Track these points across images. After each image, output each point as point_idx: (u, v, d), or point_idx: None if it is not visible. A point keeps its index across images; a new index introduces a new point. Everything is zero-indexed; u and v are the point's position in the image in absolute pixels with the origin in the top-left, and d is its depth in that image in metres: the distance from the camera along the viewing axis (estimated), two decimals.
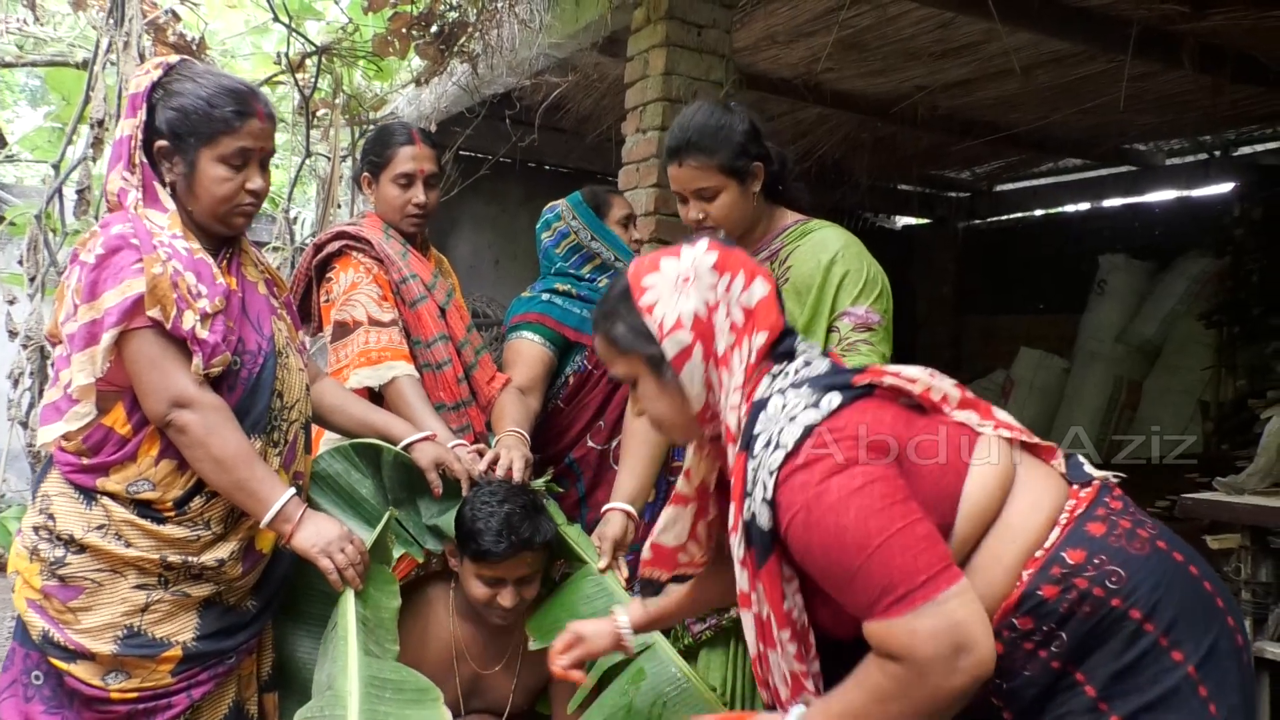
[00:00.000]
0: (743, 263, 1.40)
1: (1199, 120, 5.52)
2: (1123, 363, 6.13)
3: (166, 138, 1.66)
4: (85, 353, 1.58)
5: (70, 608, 1.62)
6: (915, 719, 1.20)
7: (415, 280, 2.32)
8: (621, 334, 1.40)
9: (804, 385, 1.32)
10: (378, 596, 1.82)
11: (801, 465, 1.24)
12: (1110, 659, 1.22)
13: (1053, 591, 1.23)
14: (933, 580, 1.17)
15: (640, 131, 3.50)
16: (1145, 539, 1.27)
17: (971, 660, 1.16)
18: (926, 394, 1.35)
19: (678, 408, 1.41)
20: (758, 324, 1.38)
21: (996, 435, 1.34)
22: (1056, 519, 1.29)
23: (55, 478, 1.67)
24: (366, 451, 2.03)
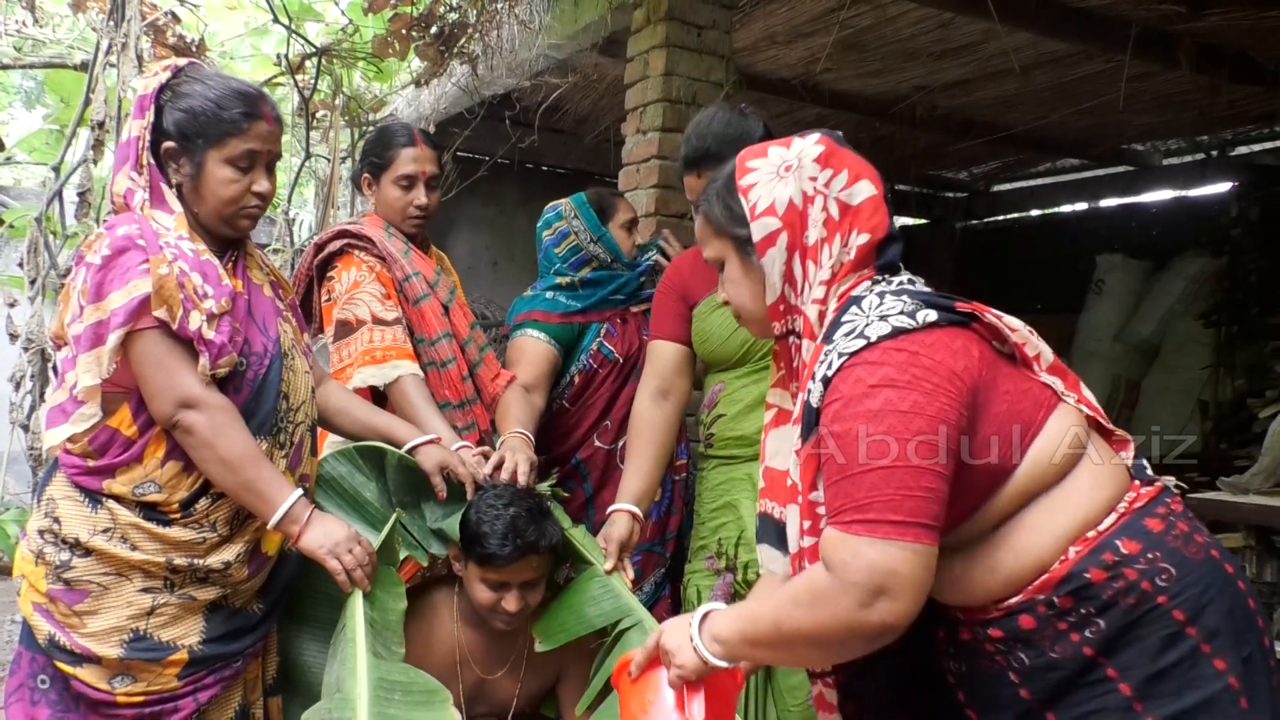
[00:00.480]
0: (850, 161, 1.38)
1: (1196, 120, 5.53)
2: (1121, 362, 6.13)
3: (174, 139, 1.67)
4: (91, 353, 1.58)
5: (76, 611, 1.61)
6: (810, 636, 1.21)
7: (418, 278, 2.32)
8: (717, 213, 1.41)
9: (904, 295, 1.30)
10: (384, 599, 1.81)
11: (870, 361, 1.22)
12: (1147, 658, 1.20)
13: (1100, 576, 1.21)
14: (906, 526, 1.16)
15: (640, 132, 3.50)
16: (1201, 544, 1.26)
17: (887, 608, 1.15)
18: (1022, 347, 1.32)
19: (756, 295, 1.40)
20: (858, 223, 1.35)
21: (1076, 408, 1.31)
22: (1115, 506, 1.27)
23: (60, 481, 1.66)
24: (371, 454, 2.03)
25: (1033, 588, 1.24)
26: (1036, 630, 1.24)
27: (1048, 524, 1.25)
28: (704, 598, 2.21)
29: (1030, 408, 1.27)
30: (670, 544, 2.59)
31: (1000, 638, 1.27)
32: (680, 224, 3.46)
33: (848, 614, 1.17)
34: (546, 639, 2.02)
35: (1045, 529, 1.25)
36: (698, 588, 2.24)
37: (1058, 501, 1.26)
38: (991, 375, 1.26)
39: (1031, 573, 1.25)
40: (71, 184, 3.34)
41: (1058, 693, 1.24)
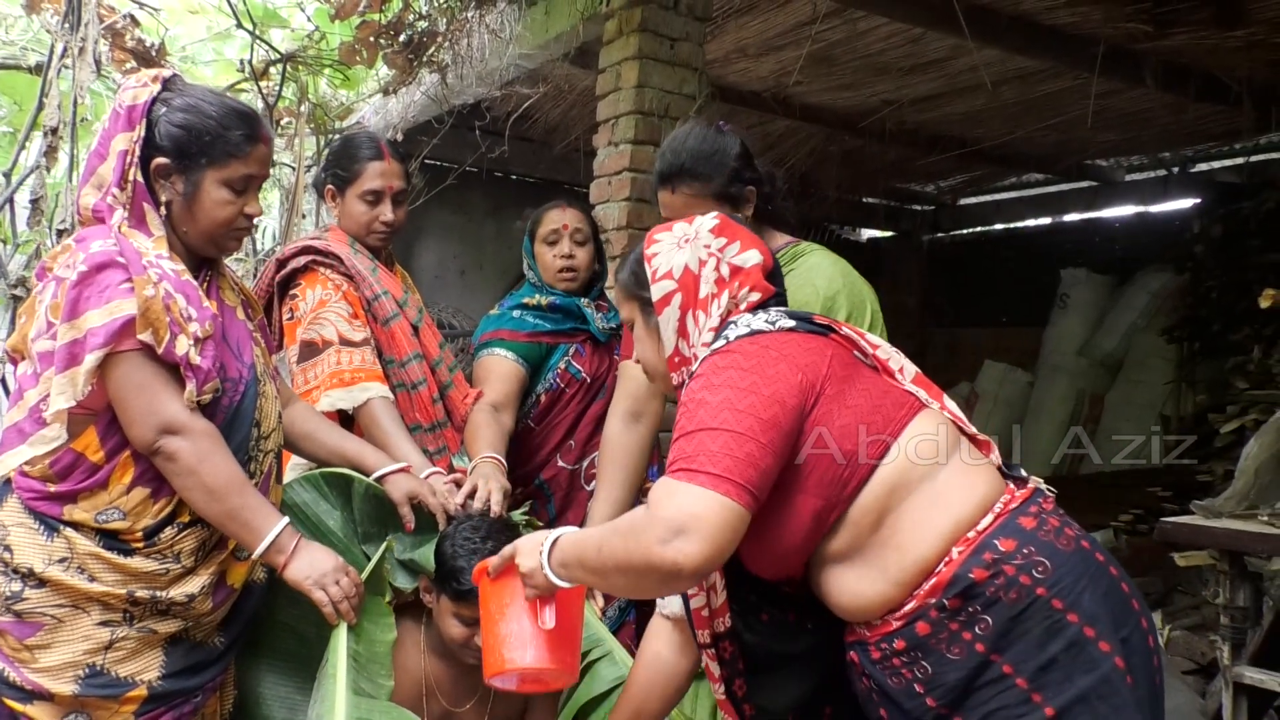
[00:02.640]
0: (743, 234, 1.57)
1: (1160, 137, 5.62)
2: (1085, 376, 6.20)
3: (170, 155, 1.61)
4: (66, 374, 1.50)
5: (27, 645, 1.53)
6: (620, 564, 1.31)
7: (387, 297, 2.25)
8: (625, 279, 1.61)
9: (771, 312, 1.47)
10: (371, 630, 1.75)
11: (725, 350, 1.39)
12: (1036, 649, 1.26)
13: (983, 575, 1.29)
14: (720, 479, 1.25)
15: (612, 145, 3.47)
16: (1071, 537, 1.34)
17: (680, 547, 1.23)
18: (882, 359, 1.47)
19: (657, 351, 1.57)
20: (748, 282, 1.52)
21: (942, 414, 1.43)
22: (991, 506, 1.35)
23: (13, 506, 1.58)
24: (337, 481, 1.96)
25: (924, 592, 1.32)
26: (932, 634, 1.31)
27: (926, 522, 1.34)
28: None
29: (891, 406, 1.39)
30: None
31: (904, 649, 1.33)
32: None
33: (648, 546, 1.26)
34: None
35: (925, 526, 1.33)
36: None
37: (934, 500, 1.35)
38: (848, 374, 1.40)
39: (918, 571, 1.32)
40: (24, 189, 3.23)
41: (961, 695, 1.30)
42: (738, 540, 1.28)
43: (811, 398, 1.36)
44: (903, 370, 1.46)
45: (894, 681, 1.35)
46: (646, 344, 1.59)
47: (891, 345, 1.53)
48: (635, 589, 1.47)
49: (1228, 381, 5.09)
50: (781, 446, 1.32)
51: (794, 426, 1.33)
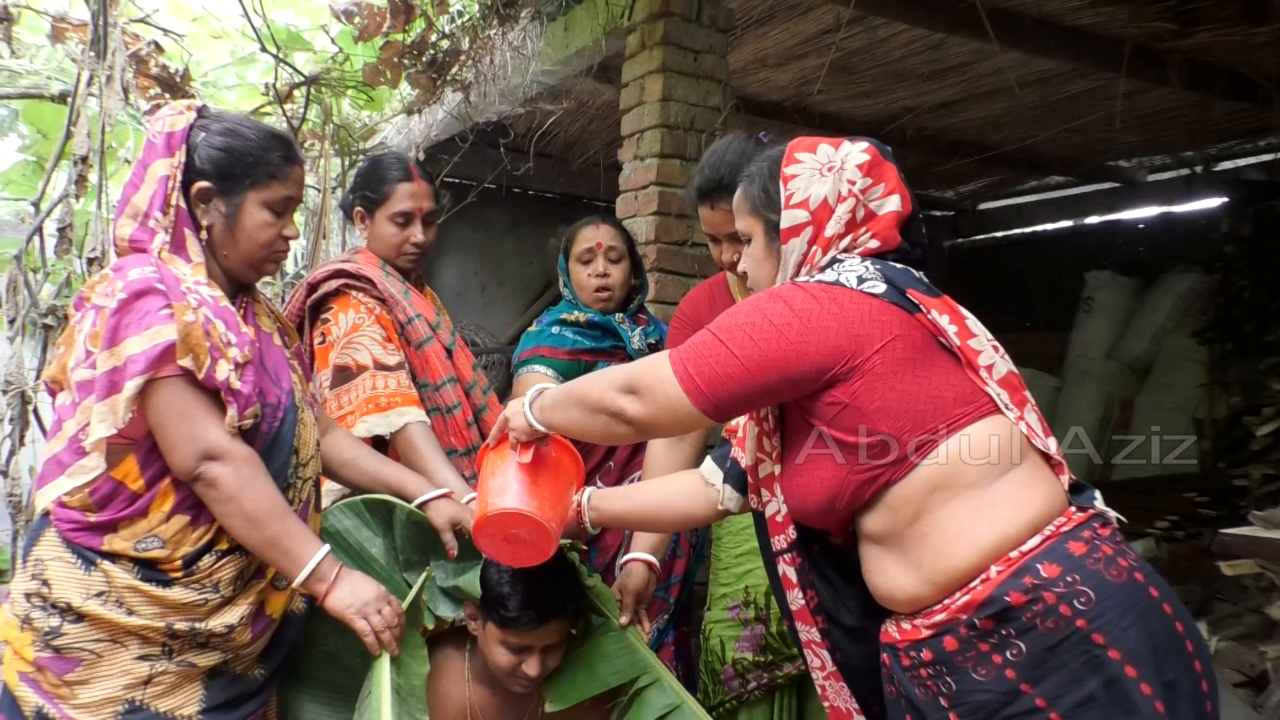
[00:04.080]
0: (889, 175, 1.48)
1: (1185, 136, 5.56)
2: (1114, 380, 6.12)
3: (211, 178, 1.62)
4: (106, 402, 1.49)
5: (66, 681, 1.51)
6: (583, 399, 1.49)
7: (420, 320, 2.22)
8: (756, 194, 1.53)
9: (876, 267, 1.41)
10: (410, 662, 1.72)
11: (798, 286, 1.40)
12: (1071, 683, 1.21)
13: (1020, 599, 1.24)
14: (692, 381, 1.36)
15: (638, 158, 3.45)
16: (1124, 568, 1.27)
17: (629, 401, 1.42)
18: (967, 346, 1.38)
19: (771, 276, 1.54)
20: (873, 228, 1.47)
21: (1014, 424, 1.35)
22: (1042, 528, 1.30)
23: (50, 541, 1.56)
24: (378, 508, 1.94)
25: (956, 606, 1.28)
26: (959, 651, 1.28)
27: (968, 531, 1.30)
28: (729, 649, 2.14)
29: (954, 402, 1.33)
30: (675, 589, 2.50)
31: (930, 661, 1.31)
32: (680, 251, 3.41)
33: (606, 388, 1.45)
34: (558, 698, 1.91)
35: (966, 535, 1.30)
36: (721, 638, 2.16)
37: (980, 509, 1.30)
38: (913, 357, 1.34)
39: (951, 579, 1.29)
40: (52, 218, 3.24)
41: (986, 715, 1.26)
42: (680, 428, 1.50)
43: (844, 365, 1.33)
44: (991, 369, 1.38)
45: (920, 692, 1.33)
46: (763, 265, 1.54)
47: (995, 342, 1.43)
48: (585, 425, 1.53)
49: (1262, 383, 5.00)
50: (778, 386, 1.36)
51: (805, 377, 1.35)
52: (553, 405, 1.58)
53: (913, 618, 1.36)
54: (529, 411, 1.60)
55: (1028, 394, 1.41)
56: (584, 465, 2.09)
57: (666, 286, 3.33)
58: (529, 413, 1.60)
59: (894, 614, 1.41)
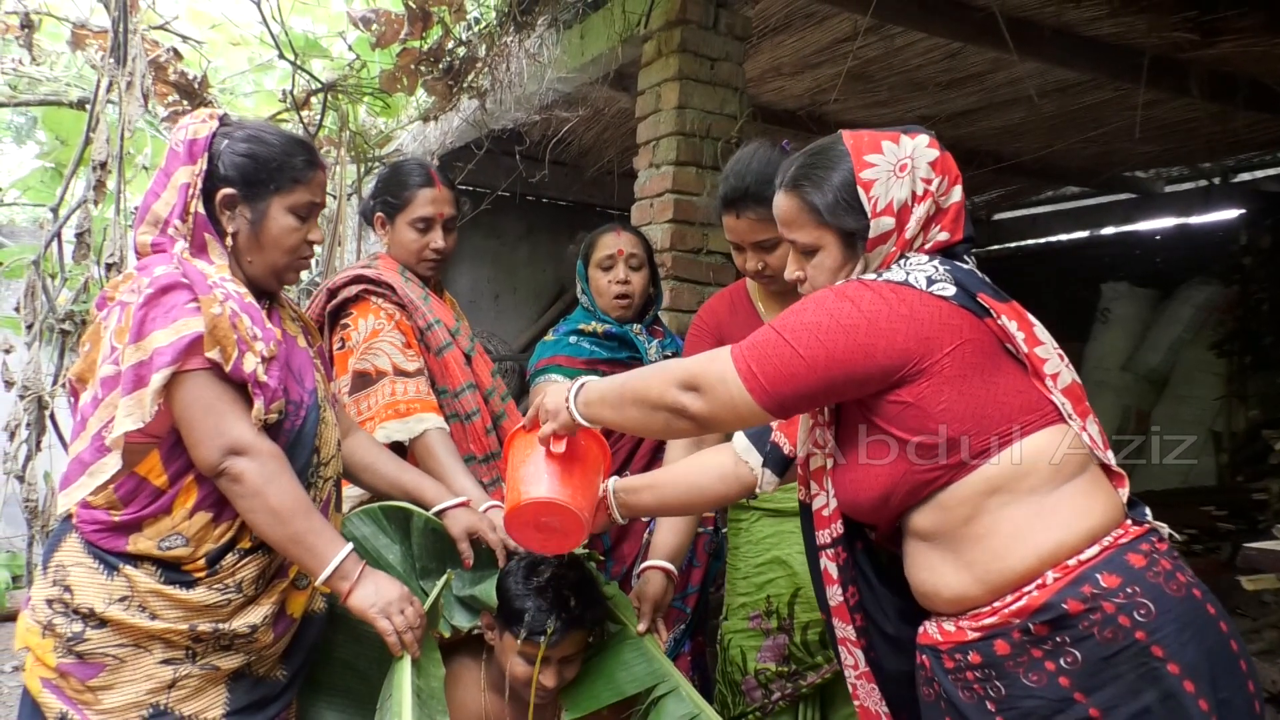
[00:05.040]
0: (951, 166, 1.47)
1: (1204, 147, 5.53)
2: (1130, 391, 6.08)
3: (236, 185, 1.62)
4: (133, 396, 1.48)
5: (90, 687, 1.51)
6: (638, 395, 1.48)
7: (440, 326, 2.22)
8: (829, 204, 1.44)
9: (946, 269, 1.39)
10: (428, 665, 1.71)
11: (866, 285, 1.37)
12: (1128, 695, 1.20)
13: (1078, 608, 1.23)
14: (755, 379, 1.35)
15: (654, 166, 3.44)
16: (1183, 583, 1.27)
17: (690, 399, 1.41)
18: (1037, 360, 1.35)
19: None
20: (942, 222, 1.44)
21: (1078, 434, 1.34)
22: (1100, 538, 1.28)
23: (71, 546, 1.56)
24: (396, 515, 1.93)
25: (1009, 612, 1.27)
26: (1011, 656, 1.27)
27: (1026, 536, 1.29)
28: (750, 659, 2.11)
29: (1019, 409, 1.32)
30: (692, 599, 2.48)
31: (979, 663, 1.29)
32: (695, 259, 3.40)
33: (666, 385, 1.44)
34: (575, 707, 1.90)
35: (1024, 540, 1.29)
36: (741, 648, 2.14)
37: (1040, 515, 1.29)
38: (980, 362, 1.32)
39: (1004, 581, 1.28)
40: (70, 225, 3.25)
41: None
42: (741, 424, 1.52)
43: (913, 367, 1.31)
44: (1056, 377, 1.35)
45: (965, 695, 1.31)
46: (839, 274, 1.46)
47: (1060, 350, 1.41)
48: (643, 423, 1.52)
49: None
50: (842, 385, 1.35)
51: (871, 378, 1.34)
52: (601, 400, 1.56)
53: (957, 619, 1.34)
54: (574, 406, 1.59)
55: (1089, 405, 1.39)
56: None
57: (681, 294, 3.32)
58: (574, 407, 1.59)
59: (933, 615, 1.39)
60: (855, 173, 1.42)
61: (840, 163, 1.43)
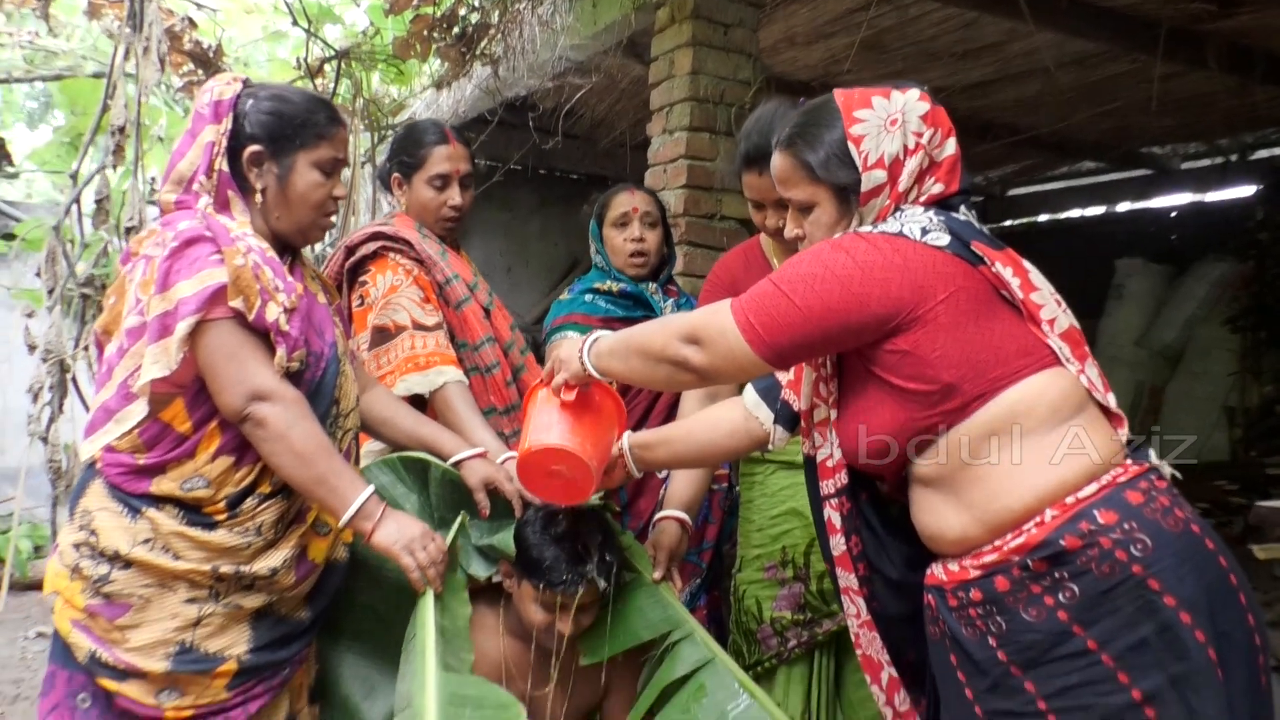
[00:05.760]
0: (943, 119, 1.48)
1: (1221, 122, 5.48)
2: (1144, 368, 6.07)
3: (263, 142, 1.67)
4: (159, 345, 1.53)
5: (118, 626, 1.55)
6: (643, 347, 1.53)
7: (458, 281, 2.24)
8: (821, 160, 1.46)
9: (940, 218, 1.41)
10: (452, 604, 1.75)
11: (862, 236, 1.39)
12: (1125, 627, 1.23)
13: (1075, 544, 1.26)
14: (754, 330, 1.39)
15: (667, 132, 3.45)
16: (1181, 519, 1.28)
17: (692, 351, 1.46)
18: (1033, 305, 1.37)
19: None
20: (937, 175, 1.47)
21: (1075, 376, 1.36)
22: (1099, 476, 1.30)
23: (96, 492, 1.60)
24: (414, 465, 1.96)
25: (1009, 548, 1.30)
26: (1010, 592, 1.29)
27: (1024, 476, 1.31)
28: (765, 608, 2.14)
29: (1015, 353, 1.34)
30: (707, 554, 2.51)
31: (980, 600, 1.33)
32: (709, 225, 3.40)
33: (669, 338, 1.48)
34: (592, 653, 1.94)
35: (1022, 479, 1.31)
36: (756, 598, 2.16)
37: (1037, 456, 1.31)
38: (975, 309, 1.35)
39: (1004, 520, 1.31)
40: (88, 192, 3.28)
41: (1036, 658, 1.27)
42: (742, 375, 1.52)
43: (907, 316, 1.34)
44: (1053, 322, 1.38)
45: (968, 631, 1.34)
46: (835, 230, 1.48)
47: (1058, 296, 1.43)
48: (648, 374, 1.56)
49: None
50: (839, 335, 1.38)
51: (866, 327, 1.36)
52: (610, 352, 1.61)
53: (960, 559, 1.37)
54: (586, 357, 1.63)
55: (1088, 349, 1.41)
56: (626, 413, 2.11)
57: (695, 260, 3.33)
58: (586, 358, 1.63)
59: (939, 558, 1.42)
60: (846, 129, 1.44)
61: (832, 120, 1.46)
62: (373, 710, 1.85)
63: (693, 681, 1.85)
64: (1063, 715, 1.25)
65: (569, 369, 1.67)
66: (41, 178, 7.48)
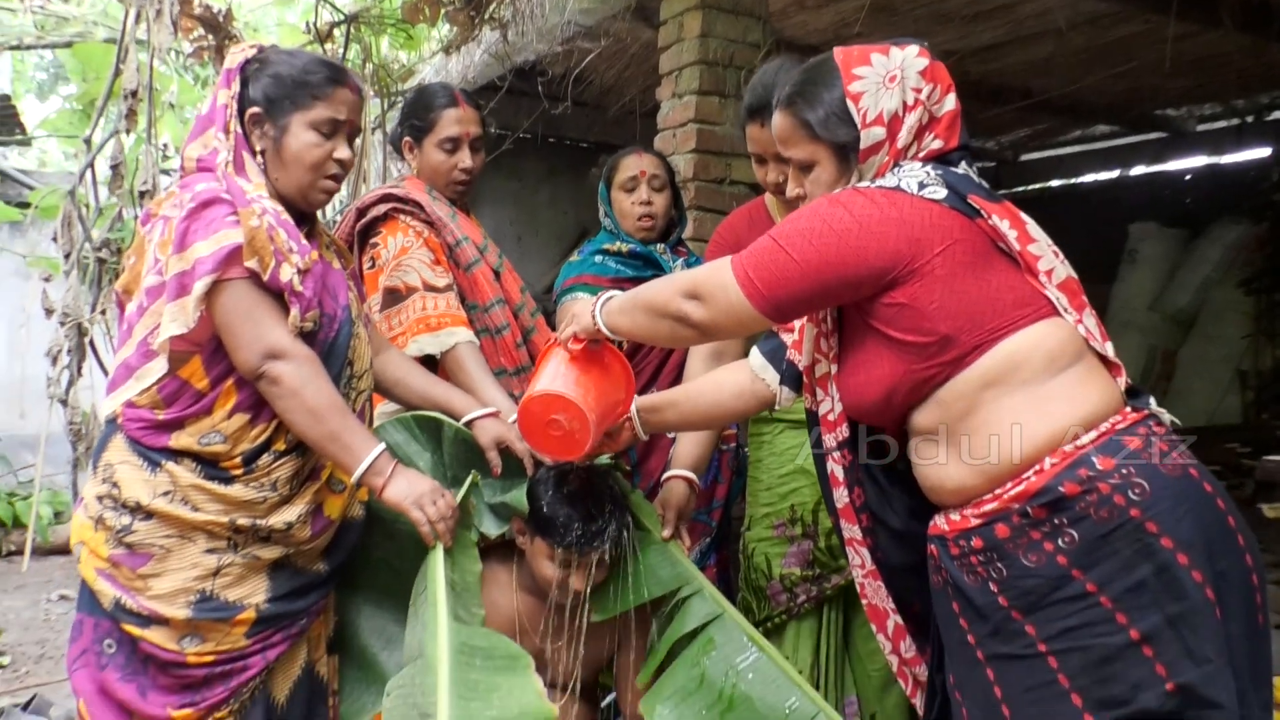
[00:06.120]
0: (942, 75, 1.49)
1: (1236, 82, 5.42)
2: (1157, 332, 6.05)
3: (260, 104, 1.69)
4: (177, 303, 1.57)
5: (140, 575, 1.60)
6: (649, 303, 1.56)
7: (468, 243, 2.26)
8: (820, 118, 1.48)
9: (938, 172, 1.42)
10: (463, 560, 1.79)
11: (859, 191, 1.41)
12: (1123, 570, 1.25)
13: (1074, 490, 1.27)
14: (753, 284, 1.41)
15: (676, 96, 3.44)
16: (1179, 464, 1.30)
17: (693, 306, 1.48)
18: (1030, 256, 1.39)
19: None
20: (936, 130, 1.48)
21: (1073, 327, 1.38)
22: (1097, 424, 1.32)
23: (118, 445, 1.64)
24: (428, 424, 1.99)
25: (1009, 497, 1.32)
26: (1010, 538, 1.32)
27: (1023, 425, 1.33)
28: (775, 565, 2.18)
29: (1012, 304, 1.36)
30: (717, 513, 2.55)
31: (981, 548, 1.35)
32: (718, 189, 3.40)
33: (672, 294, 1.51)
34: (602, 609, 1.97)
35: (1020, 431, 1.33)
36: (766, 555, 2.20)
37: (1035, 405, 1.33)
38: (972, 261, 1.36)
39: (1003, 470, 1.33)
40: (102, 157, 3.30)
41: (1035, 602, 1.30)
42: (742, 330, 1.55)
43: (904, 268, 1.36)
44: (1051, 273, 1.40)
45: (969, 579, 1.37)
46: (836, 187, 1.50)
47: (1055, 248, 1.45)
48: (651, 329, 1.60)
49: None
50: (837, 288, 1.40)
51: (864, 280, 1.38)
52: (619, 309, 1.64)
53: (961, 508, 1.39)
54: (597, 313, 1.67)
55: (1085, 300, 1.43)
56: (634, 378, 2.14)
57: (705, 224, 3.33)
58: (597, 314, 1.67)
59: (941, 509, 1.44)
60: (845, 86, 1.45)
61: (831, 78, 1.47)
62: (390, 661, 1.89)
63: (702, 636, 1.89)
64: (1062, 656, 1.28)
65: (580, 323, 1.71)
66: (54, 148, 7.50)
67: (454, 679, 1.50)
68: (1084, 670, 1.26)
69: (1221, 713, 1.22)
